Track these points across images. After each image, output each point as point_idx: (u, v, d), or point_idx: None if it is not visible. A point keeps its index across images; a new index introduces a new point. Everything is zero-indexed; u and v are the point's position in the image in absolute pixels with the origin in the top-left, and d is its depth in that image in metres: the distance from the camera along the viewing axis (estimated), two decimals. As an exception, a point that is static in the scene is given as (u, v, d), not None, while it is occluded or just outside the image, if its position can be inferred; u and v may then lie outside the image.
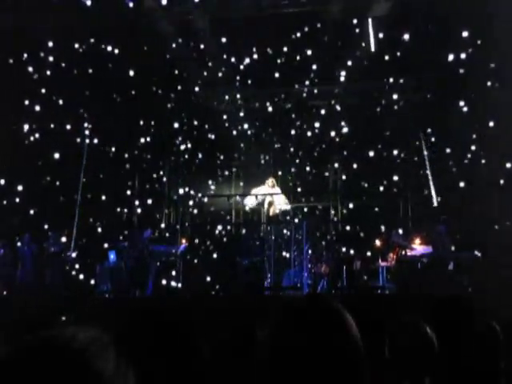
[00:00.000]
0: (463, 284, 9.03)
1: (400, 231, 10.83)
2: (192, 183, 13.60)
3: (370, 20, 11.13)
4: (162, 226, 13.40)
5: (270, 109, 13.35)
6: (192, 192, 13.42)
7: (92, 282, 10.64)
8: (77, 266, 10.89)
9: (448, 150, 11.62)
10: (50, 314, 6.57)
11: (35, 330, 0.89)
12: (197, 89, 12.91)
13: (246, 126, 13.56)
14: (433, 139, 12.07)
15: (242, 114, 13.69)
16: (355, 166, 12.72)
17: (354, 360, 1.17)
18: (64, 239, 11.03)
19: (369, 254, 11.00)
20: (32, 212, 11.14)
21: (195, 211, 13.41)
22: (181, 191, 13.34)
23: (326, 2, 10.91)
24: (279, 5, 11.04)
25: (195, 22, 11.37)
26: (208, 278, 10.15)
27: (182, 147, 13.47)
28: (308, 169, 13.51)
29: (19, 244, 10.91)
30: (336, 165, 13.71)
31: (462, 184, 10.71)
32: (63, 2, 10.16)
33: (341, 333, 1.18)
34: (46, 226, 11.27)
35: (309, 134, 13.19)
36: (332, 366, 1.15)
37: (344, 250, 11.25)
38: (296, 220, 11.49)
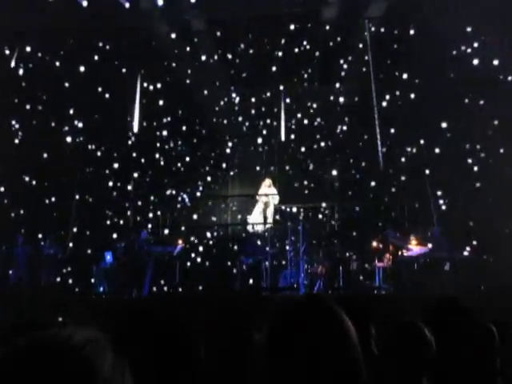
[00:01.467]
0: (460, 285, 9.04)
1: (397, 232, 10.83)
2: (188, 184, 13.53)
3: (366, 21, 11.15)
4: (158, 226, 13.33)
5: (265, 108, 13.35)
6: (187, 193, 13.36)
7: (88, 283, 10.63)
8: (72, 268, 10.86)
9: (450, 150, 11.52)
10: (47, 315, 6.54)
11: (32, 330, 0.89)
12: (189, 83, 12.86)
13: (242, 126, 13.55)
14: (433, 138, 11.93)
15: (238, 114, 13.67)
16: (353, 166, 12.72)
17: (352, 360, 1.17)
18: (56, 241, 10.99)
19: (365, 254, 11.00)
20: (23, 213, 11.09)
21: (191, 212, 13.38)
22: (175, 192, 13.30)
23: (323, 2, 10.92)
24: (276, 5, 11.04)
25: (191, 22, 11.38)
26: (205, 279, 10.14)
27: (178, 148, 13.41)
28: (304, 169, 13.49)
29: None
30: (333, 165, 13.66)
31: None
32: (59, 2, 10.13)
33: (339, 334, 1.18)
34: (37, 228, 11.20)
35: (306, 133, 13.20)
36: (330, 366, 1.15)
37: (341, 250, 11.23)
38: (292, 220, 11.48)
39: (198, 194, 13.52)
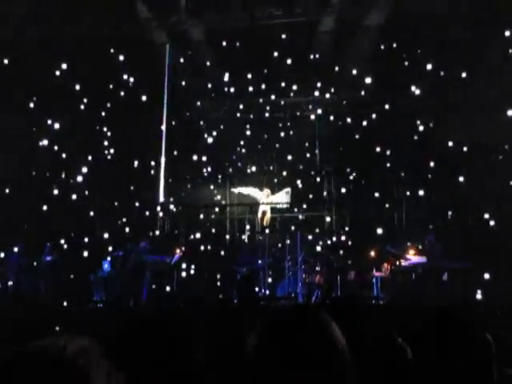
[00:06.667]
0: (457, 294, 9.01)
1: (395, 241, 10.83)
2: (186, 192, 13.48)
3: (365, 29, 11.14)
4: (156, 235, 13.26)
5: (263, 118, 13.38)
6: (185, 202, 13.32)
7: (86, 291, 10.60)
8: (69, 276, 10.82)
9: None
10: (44, 324, 6.52)
11: (28, 339, 0.89)
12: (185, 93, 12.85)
13: (240, 135, 13.55)
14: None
15: (236, 124, 13.66)
16: (350, 175, 12.73)
17: (341, 372, 1.13)
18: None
19: (363, 264, 10.97)
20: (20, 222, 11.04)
21: (190, 220, 13.35)
22: (174, 200, 13.26)
23: (321, 12, 10.94)
24: (273, 15, 11.08)
25: (190, 32, 11.40)
26: (202, 288, 10.12)
27: (176, 155, 13.33)
28: (303, 178, 13.47)
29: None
30: (331, 174, 13.66)
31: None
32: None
33: (327, 345, 1.14)
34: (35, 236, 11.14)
35: (304, 142, 13.24)
36: (318, 378, 1.11)
37: (338, 260, 11.20)
38: (291, 229, 11.48)
39: (201, 203, 13.43)
